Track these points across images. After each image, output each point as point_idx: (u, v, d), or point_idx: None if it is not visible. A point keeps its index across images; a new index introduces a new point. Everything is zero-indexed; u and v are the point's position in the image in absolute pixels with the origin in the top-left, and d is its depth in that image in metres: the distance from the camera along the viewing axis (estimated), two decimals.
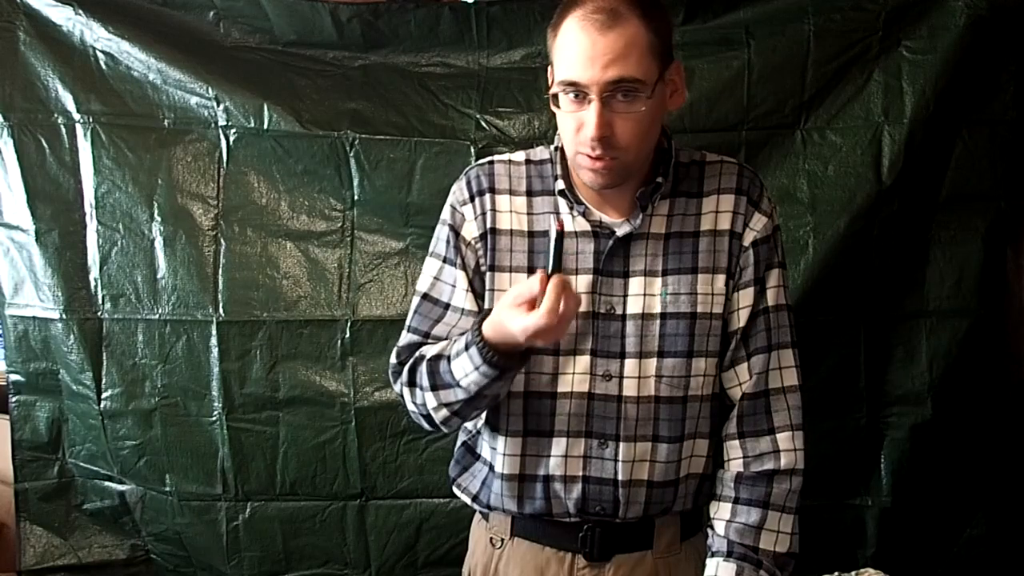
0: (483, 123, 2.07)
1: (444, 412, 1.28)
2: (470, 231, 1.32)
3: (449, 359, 1.24)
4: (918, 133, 1.96)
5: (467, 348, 1.19)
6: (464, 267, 1.32)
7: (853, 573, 1.67)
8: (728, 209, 1.28)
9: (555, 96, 1.20)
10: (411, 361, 1.32)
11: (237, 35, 2.12)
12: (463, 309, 1.32)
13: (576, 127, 1.19)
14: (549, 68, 1.24)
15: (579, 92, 1.17)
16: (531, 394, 1.29)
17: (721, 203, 1.28)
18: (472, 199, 1.32)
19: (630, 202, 1.27)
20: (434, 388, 1.27)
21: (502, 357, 1.17)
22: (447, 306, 1.34)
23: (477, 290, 1.32)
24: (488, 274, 1.31)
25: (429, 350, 1.30)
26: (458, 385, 1.23)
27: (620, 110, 1.17)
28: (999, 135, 1.98)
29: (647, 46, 1.16)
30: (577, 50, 1.15)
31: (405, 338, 1.37)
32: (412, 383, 1.32)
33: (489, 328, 1.17)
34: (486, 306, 1.31)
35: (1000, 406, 2.04)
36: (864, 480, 2.06)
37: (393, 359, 1.37)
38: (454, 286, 1.33)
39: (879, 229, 1.98)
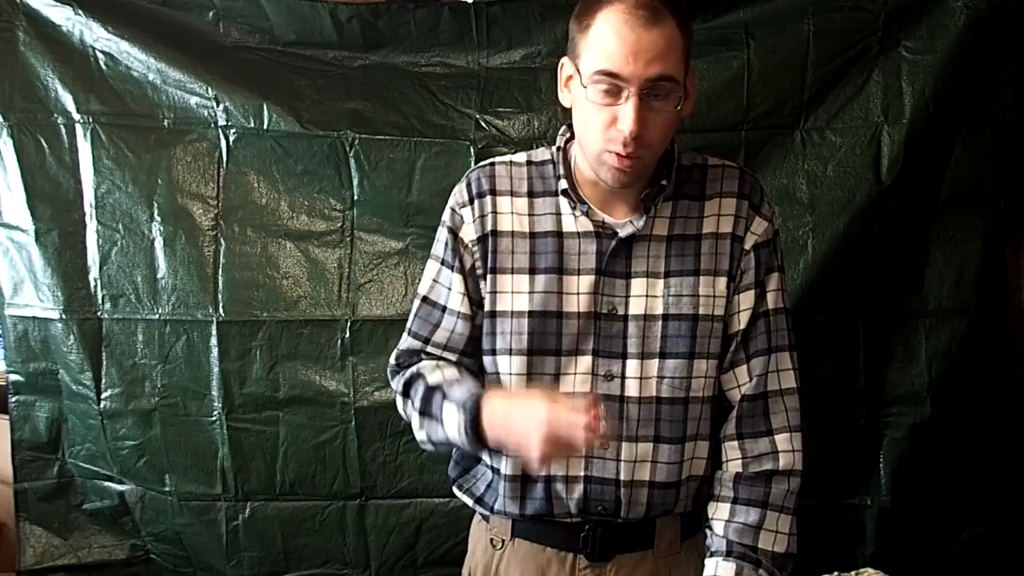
0: (483, 123, 2.07)
1: (423, 436, 1.31)
2: (468, 234, 1.32)
3: (445, 397, 1.25)
4: (917, 133, 1.96)
5: (462, 406, 1.21)
6: (461, 270, 1.32)
7: (853, 573, 1.67)
8: (730, 213, 1.29)
9: (582, 87, 1.19)
10: (410, 373, 1.34)
11: (237, 35, 2.12)
12: (459, 312, 1.33)
13: (608, 121, 1.18)
14: (565, 61, 1.24)
15: (615, 85, 1.16)
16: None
17: (723, 207, 1.29)
18: (472, 201, 1.32)
19: (633, 203, 1.28)
20: (422, 414, 1.29)
21: (481, 443, 1.20)
22: (444, 309, 1.34)
23: (472, 294, 1.32)
24: (490, 276, 1.31)
25: (431, 375, 1.30)
26: (441, 425, 1.25)
27: (656, 108, 1.17)
28: (999, 135, 1.98)
29: (682, 48, 1.18)
30: (620, 43, 1.15)
31: (406, 342, 1.38)
32: (407, 395, 1.34)
33: (490, 412, 1.18)
34: (487, 309, 1.31)
35: (999, 406, 2.04)
36: (863, 480, 2.06)
37: (392, 361, 1.39)
38: (450, 289, 1.33)
39: (879, 229, 1.98)
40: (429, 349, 1.35)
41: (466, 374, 1.31)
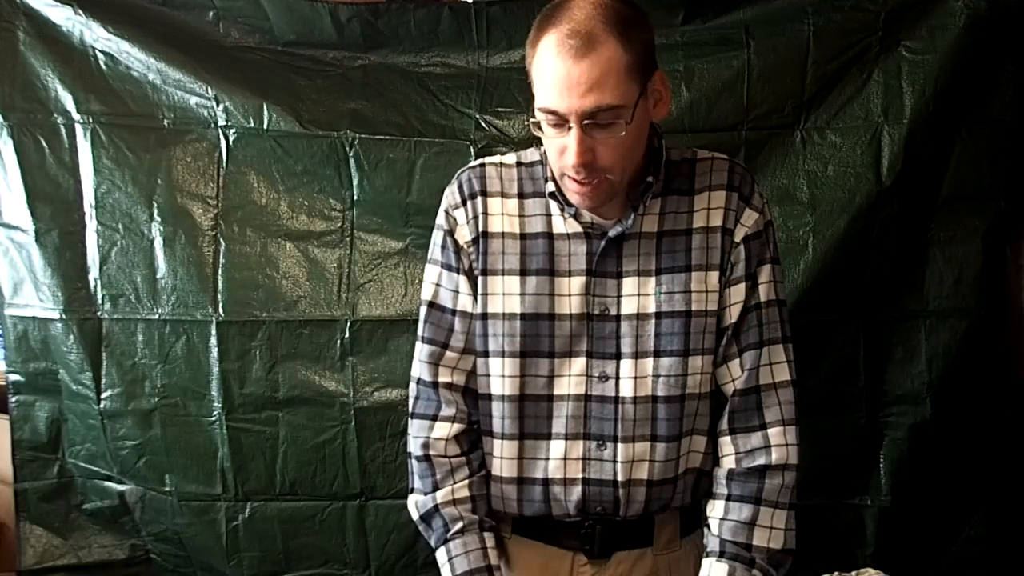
0: (483, 123, 2.07)
1: (415, 515, 1.35)
2: (463, 235, 1.31)
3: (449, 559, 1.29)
4: (918, 133, 1.96)
5: None
6: (464, 272, 1.32)
7: (853, 573, 1.67)
8: (720, 206, 1.28)
9: (536, 122, 1.19)
10: (431, 500, 1.32)
11: (237, 35, 2.12)
12: (471, 314, 1.32)
13: (559, 151, 1.18)
14: (531, 82, 1.23)
15: (556, 118, 1.16)
16: (527, 397, 1.29)
17: (712, 200, 1.28)
18: (464, 203, 1.31)
19: (622, 202, 1.27)
20: (430, 535, 1.33)
21: None
22: (455, 312, 1.33)
23: (474, 294, 1.32)
24: (481, 278, 1.30)
25: (456, 556, 1.30)
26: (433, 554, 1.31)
27: (600, 136, 1.15)
28: (999, 135, 1.98)
29: (625, 68, 1.14)
30: (553, 78, 1.14)
31: (424, 351, 1.35)
32: (423, 477, 1.34)
33: None
34: (479, 311, 1.30)
35: (999, 406, 2.04)
36: (863, 480, 2.06)
37: (419, 374, 1.35)
38: (457, 291, 1.33)
39: (879, 229, 1.98)
40: (448, 354, 1.33)
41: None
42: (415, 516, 1.34)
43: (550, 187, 1.28)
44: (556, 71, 1.13)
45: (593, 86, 1.12)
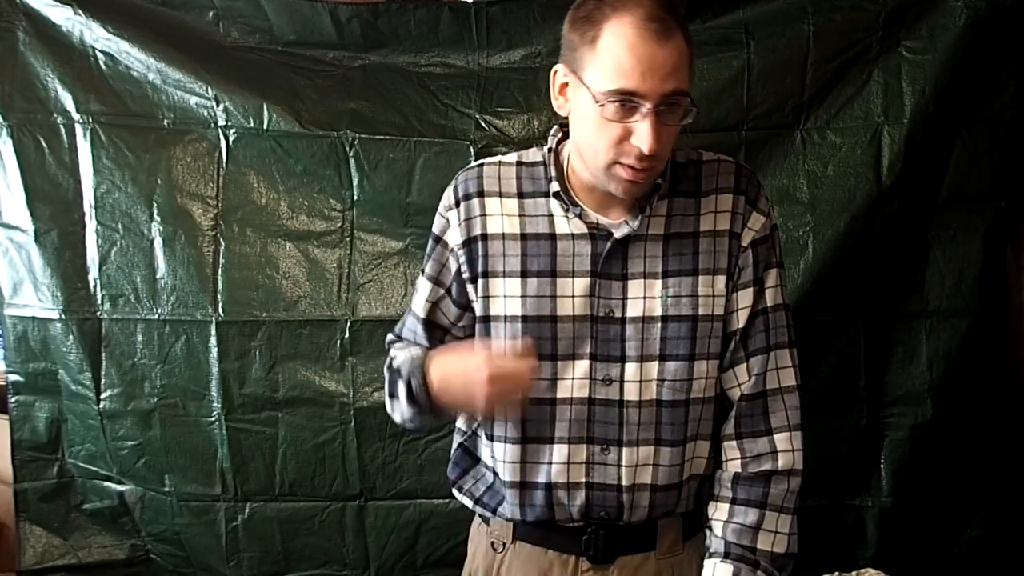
0: (483, 123, 2.07)
1: (397, 417, 1.35)
2: (454, 237, 1.31)
3: (399, 373, 1.29)
4: (918, 133, 1.96)
5: (408, 379, 1.26)
6: (433, 278, 1.35)
7: (854, 573, 1.67)
8: (727, 209, 1.27)
9: (596, 104, 1.15)
10: (386, 364, 1.38)
11: (237, 35, 2.12)
12: (421, 319, 1.37)
13: (619, 136, 1.16)
14: (559, 68, 1.22)
15: (631, 102, 1.14)
16: (530, 400, 1.28)
17: (719, 203, 1.27)
18: (458, 204, 1.31)
19: (628, 203, 1.26)
20: (390, 396, 1.34)
21: (437, 410, 1.26)
22: (413, 314, 1.40)
23: (456, 298, 1.33)
24: (480, 280, 1.30)
25: (398, 357, 1.34)
26: (400, 402, 1.30)
27: (669, 122, 1.16)
28: (999, 135, 1.98)
29: (690, 59, 1.17)
30: (635, 60, 1.12)
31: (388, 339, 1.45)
32: (389, 392, 1.37)
33: (434, 377, 1.24)
34: (480, 313, 1.30)
35: (1000, 406, 2.04)
36: (864, 480, 2.06)
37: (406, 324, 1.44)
38: (419, 293, 1.38)
39: (879, 229, 1.98)
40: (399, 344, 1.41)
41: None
42: (392, 412, 1.36)
43: (554, 187, 1.27)
44: (639, 53, 1.12)
45: (674, 70, 1.14)
